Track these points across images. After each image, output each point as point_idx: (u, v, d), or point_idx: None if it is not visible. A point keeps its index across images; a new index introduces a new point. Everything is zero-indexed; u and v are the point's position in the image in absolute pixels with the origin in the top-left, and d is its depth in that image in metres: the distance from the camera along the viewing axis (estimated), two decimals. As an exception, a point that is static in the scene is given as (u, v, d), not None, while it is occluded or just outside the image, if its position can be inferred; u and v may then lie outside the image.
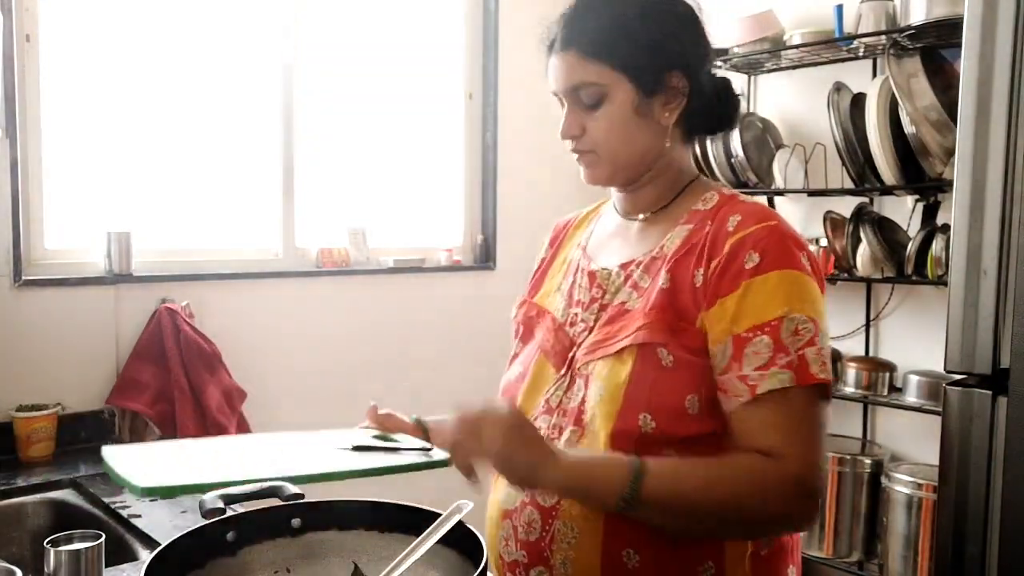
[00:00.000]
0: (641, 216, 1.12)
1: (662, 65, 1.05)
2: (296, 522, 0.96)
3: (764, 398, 0.93)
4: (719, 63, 2.71)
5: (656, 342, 0.98)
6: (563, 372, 1.08)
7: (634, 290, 1.06)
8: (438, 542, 0.86)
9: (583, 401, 1.03)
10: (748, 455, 0.94)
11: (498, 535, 1.08)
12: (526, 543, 1.03)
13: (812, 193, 2.56)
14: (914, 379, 2.32)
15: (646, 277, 1.05)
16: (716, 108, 1.11)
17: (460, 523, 0.88)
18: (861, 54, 2.46)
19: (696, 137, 1.15)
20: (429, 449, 1.03)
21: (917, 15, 2.19)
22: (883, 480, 2.32)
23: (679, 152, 1.12)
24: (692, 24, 1.11)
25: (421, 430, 1.16)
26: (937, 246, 2.17)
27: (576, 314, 1.11)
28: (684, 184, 1.11)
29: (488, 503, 1.12)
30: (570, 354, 1.08)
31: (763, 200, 2.77)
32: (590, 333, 1.07)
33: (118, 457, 0.93)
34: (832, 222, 2.48)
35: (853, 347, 2.59)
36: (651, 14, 1.05)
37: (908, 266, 2.25)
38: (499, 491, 1.10)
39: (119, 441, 2.07)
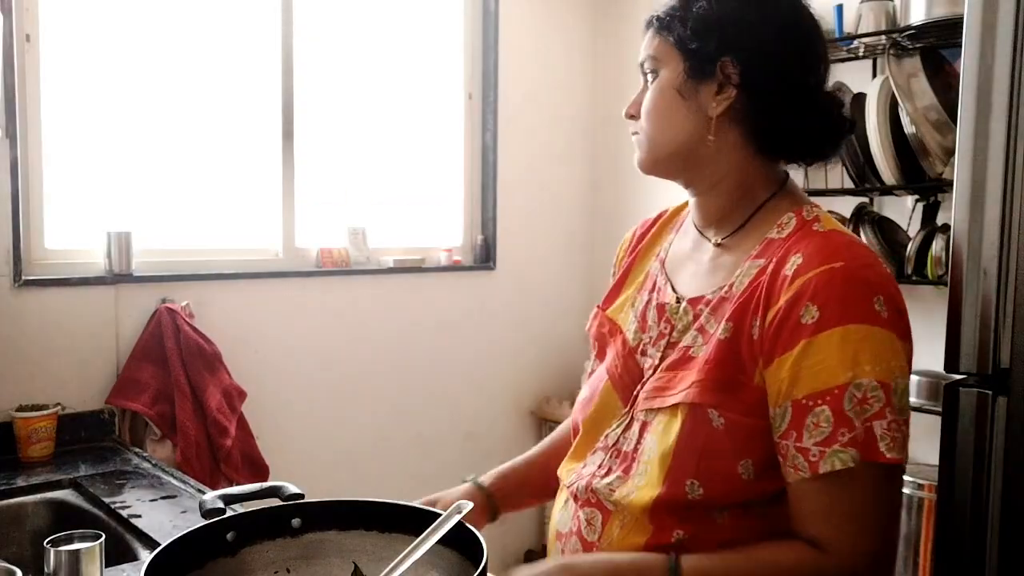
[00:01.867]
0: (714, 239, 1.03)
1: (717, 48, 0.95)
2: (296, 522, 0.96)
3: (824, 477, 0.85)
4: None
5: (706, 403, 0.91)
6: (627, 409, 1.02)
7: (700, 334, 0.97)
8: (438, 542, 0.86)
9: (636, 450, 0.98)
10: (795, 547, 0.87)
11: (552, 552, 1.07)
12: None
13: (812, 193, 2.56)
14: (914, 379, 2.32)
15: (712, 321, 0.96)
16: (797, 123, 0.98)
17: (460, 523, 0.88)
18: (861, 54, 2.46)
19: (782, 159, 1.04)
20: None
21: (917, 15, 2.19)
22: (883, 480, 2.32)
23: (749, 165, 1.00)
24: (778, 15, 0.98)
25: (481, 494, 1.17)
26: (937, 246, 2.17)
27: (647, 343, 1.03)
28: (760, 202, 1.00)
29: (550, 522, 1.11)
30: (636, 389, 1.01)
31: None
32: (654, 372, 1.00)
33: None
34: (832, 222, 2.48)
35: (853, 347, 2.58)
36: (723, 5, 0.96)
37: (908, 266, 2.25)
38: (556, 511, 1.08)
39: (119, 441, 2.07)
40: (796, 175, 1.09)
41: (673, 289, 1.05)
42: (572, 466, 1.07)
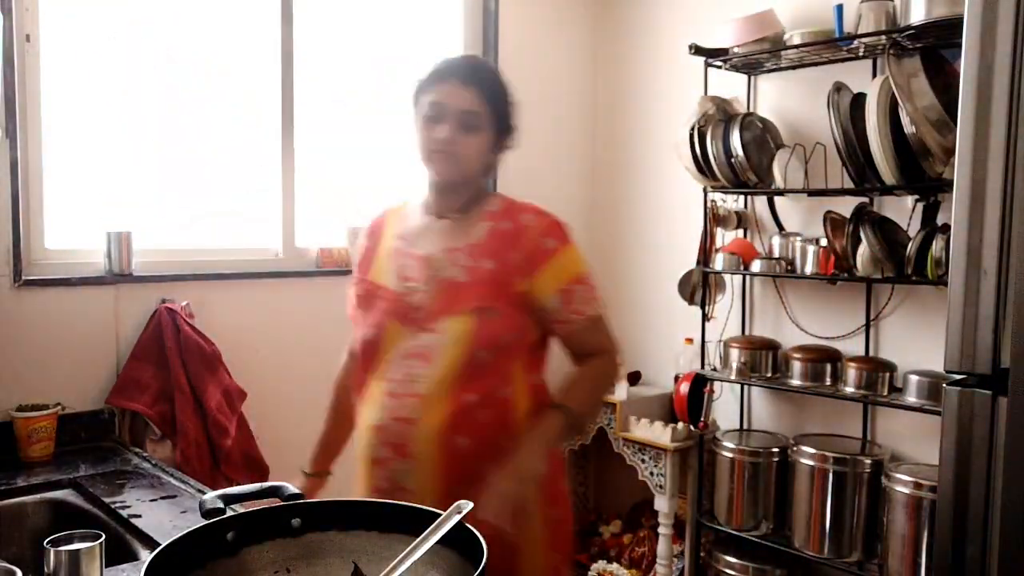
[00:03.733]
0: (452, 216, 1.52)
1: (509, 129, 1.56)
2: (296, 522, 0.96)
3: (592, 320, 1.48)
4: (719, 63, 2.72)
5: (491, 306, 1.42)
6: (410, 329, 1.45)
7: (458, 268, 1.45)
8: (438, 542, 0.86)
9: (431, 348, 1.42)
10: (594, 358, 1.51)
11: (371, 442, 1.45)
12: (396, 446, 1.42)
13: (812, 193, 2.56)
14: (914, 379, 2.32)
15: (470, 260, 1.45)
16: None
17: (460, 523, 0.88)
18: (861, 54, 2.46)
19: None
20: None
21: (917, 15, 2.19)
22: (883, 480, 2.31)
23: (485, 182, 1.60)
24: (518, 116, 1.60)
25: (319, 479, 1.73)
26: (937, 246, 2.17)
27: (411, 288, 1.47)
28: (482, 197, 1.54)
29: (360, 425, 1.51)
30: (414, 316, 1.45)
31: (763, 200, 2.77)
32: (432, 300, 1.44)
33: None
34: (832, 222, 2.48)
35: (853, 347, 2.59)
36: (510, 98, 1.56)
37: (908, 266, 2.25)
38: (369, 413, 1.47)
39: (119, 441, 2.07)
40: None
41: (424, 249, 1.49)
42: (379, 378, 1.47)
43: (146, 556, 1.04)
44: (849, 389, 2.45)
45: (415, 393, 1.42)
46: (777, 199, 2.75)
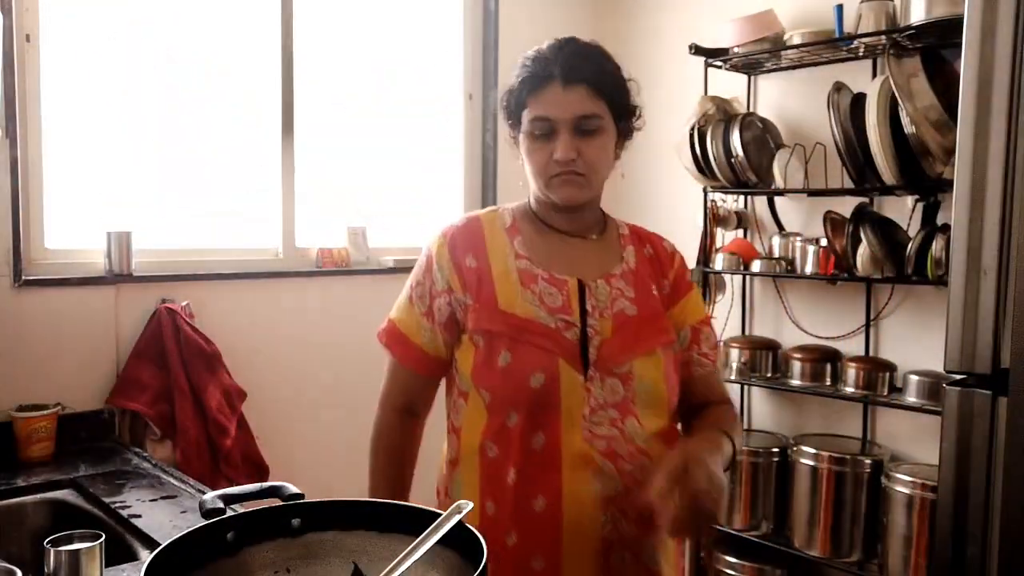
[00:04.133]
0: (594, 236, 1.34)
1: (630, 115, 1.31)
2: (296, 522, 0.96)
3: (716, 368, 1.38)
4: (719, 63, 2.72)
5: (671, 342, 1.30)
6: (588, 373, 1.22)
7: (624, 299, 1.28)
8: (438, 542, 0.86)
9: (626, 397, 1.23)
10: (722, 406, 1.36)
11: (601, 520, 1.21)
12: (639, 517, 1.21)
13: (812, 193, 2.56)
14: (914, 379, 2.32)
15: (629, 288, 1.29)
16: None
17: (460, 523, 0.88)
18: (861, 54, 2.46)
19: None
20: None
21: (917, 15, 2.19)
22: (883, 480, 2.31)
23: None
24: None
25: None
26: (937, 246, 2.17)
27: (566, 321, 1.23)
28: (601, 212, 1.39)
29: (570, 498, 1.20)
30: (589, 357, 1.22)
31: (763, 200, 2.77)
32: (611, 338, 1.24)
33: None
34: (832, 222, 2.48)
35: (853, 347, 2.59)
36: (624, 76, 1.30)
37: (908, 266, 2.25)
38: (585, 484, 1.20)
39: (119, 441, 2.07)
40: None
41: (570, 274, 1.28)
42: (574, 438, 1.21)
43: (146, 556, 1.04)
44: (849, 389, 2.45)
45: (642, 450, 1.22)
46: (777, 199, 2.75)
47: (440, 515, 0.89)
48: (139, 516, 1.54)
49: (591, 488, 1.20)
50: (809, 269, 2.52)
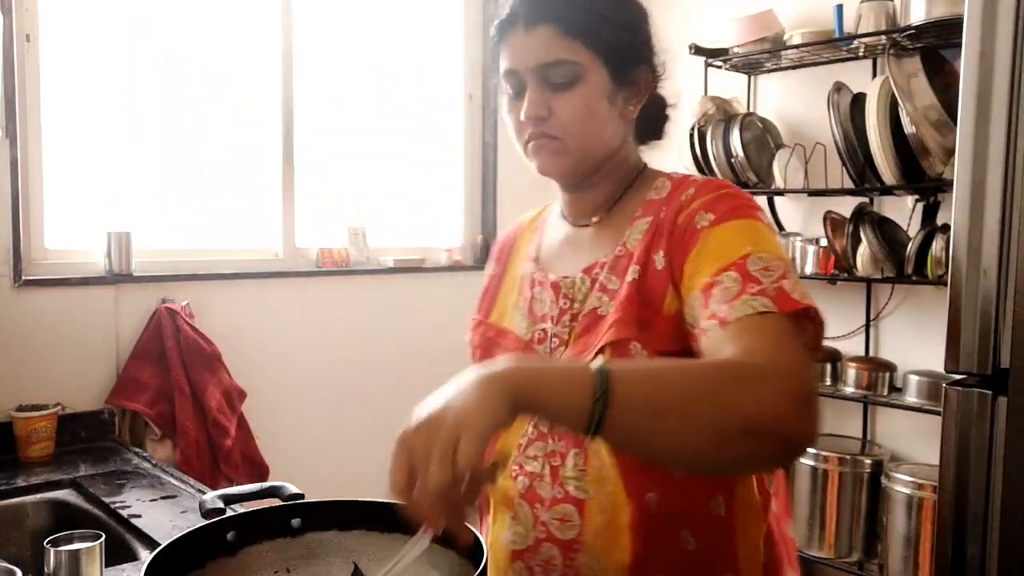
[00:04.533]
0: (595, 219, 1.06)
1: (635, 56, 1.02)
2: (296, 522, 0.96)
3: (738, 328, 0.80)
4: (719, 63, 2.72)
5: (629, 337, 0.92)
6: None
7: (603, 293, 0.98)
8: (438, 542, 0.86)
9: None
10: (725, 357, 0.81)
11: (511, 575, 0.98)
12: None
13: (812, 193, 2.56)
14: (914, 379, 2.32)
15: (613, 278, 0.98)
16: (657, 115, 1.10)
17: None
18: (861, 54, 2.46)
19: (644, 142, 1.11)
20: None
21: (917, 15, 2.19)
22: (883, 480, 2.31)
23: (631, 153, 1.07)
24: (649, 22, 1.07)
25: None
26: (937, 246, 2.17)
27: (544, 330, 1.03)
28: (633, 178, 1.06)
29: (489, 546, 0.98)
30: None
31: (763, 200, 2.77)
32: (566, 347, 1.00)
33: None
34: (832, 222, 2.48)
35: (853, 347, 2.59)
36: (619, 5, 1.01)
37: (908, 266, 2.25)
38: (502, 530, 1.00)
39: (119, 441, 2.07)
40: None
41: (558, 272, 1.06)
42: (504, 476, 1.00)
43: (146, 556, 1.03)
44: (849, 389, 2.45)
45: (571, 498, 0.94)
46: (777, 199, 2.75)
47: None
48: (139, 516, 1.54)
49: (503, 535, 1.00)
50: (809, 269, 2.52)
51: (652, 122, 1.09)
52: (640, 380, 0.73)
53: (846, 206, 2.47)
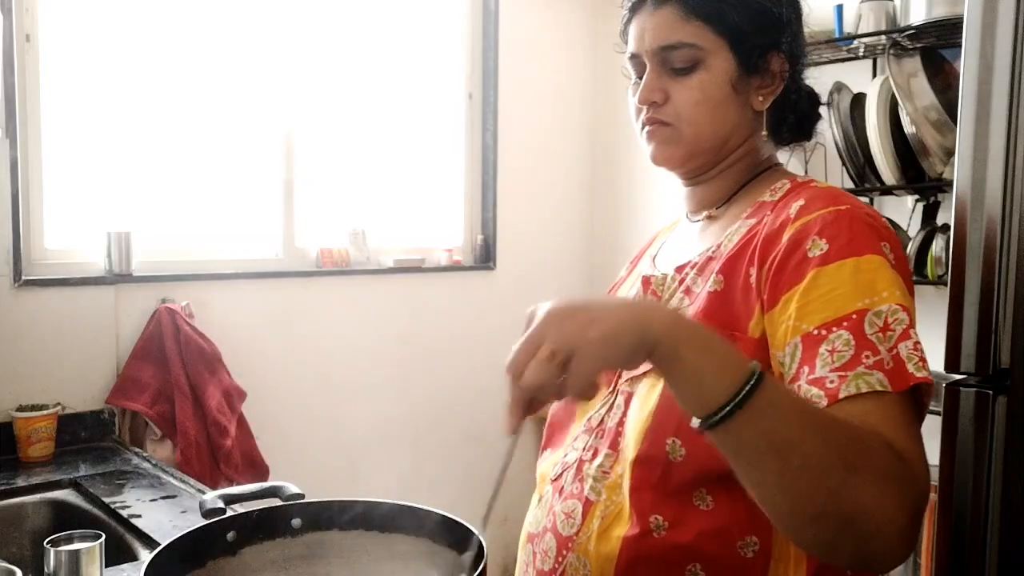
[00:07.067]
0: (705, 215, 0.99)
1: (767, 42, 0.95)
2: (296, 522, 0.96)
3: (848, 407, 0.72)
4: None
5: None
6: (610, 390, 0.95)
7: (686, 296, 0.91)
8: (438, 542, 0.86)
9: (621, 422, 0.91)
10: (876, 435, 0.71)
11: (521, 558, 1.01)
12: (540, 572, 0.95)
13: (812, 193, 2.56)
14: (914, 379, 2.32)
15: (699, 280, 0.91)
16: (801, 111, 1.01)
17: (460, 523, 0.88)
18: (861, 54, 2.46)
19: (783, 143, 1.03)
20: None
21: (917, 15, 2.19)
22: (883, 480, 2.31)
23: (759, 149, 0.99)
24: (797, 9, 1.00)
25: None
26: (937, 246, 2.17)
27: None
28: (756, 175, 0.98)
29: (528, 521, 1.01)
30: (620, 370, 0.94)
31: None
32: None
33: None
34: (832, 222, 2.48)
35: (853, 347, 2.58)
36: None
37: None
38: (531, 508, 1.01)
39: (119, 441, 2.07)
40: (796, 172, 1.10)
41: (654, 269, 1.03)
42: (553, 458, 1.00)
43: (146, 556, 1.03)
44: (849, 389, 2.45)
45: (582, 494, 0.92)
46: (777, 199, 2.75)
47: (441, 515, 0.89)
48: (139, 516, 1.54)
49: (529, 514, 1.01)
50: (809, 269, 2.52)
51: (795, 118, 1.00)
52: (787, 406, 0.68)
53: (846, 206, 2.46)
